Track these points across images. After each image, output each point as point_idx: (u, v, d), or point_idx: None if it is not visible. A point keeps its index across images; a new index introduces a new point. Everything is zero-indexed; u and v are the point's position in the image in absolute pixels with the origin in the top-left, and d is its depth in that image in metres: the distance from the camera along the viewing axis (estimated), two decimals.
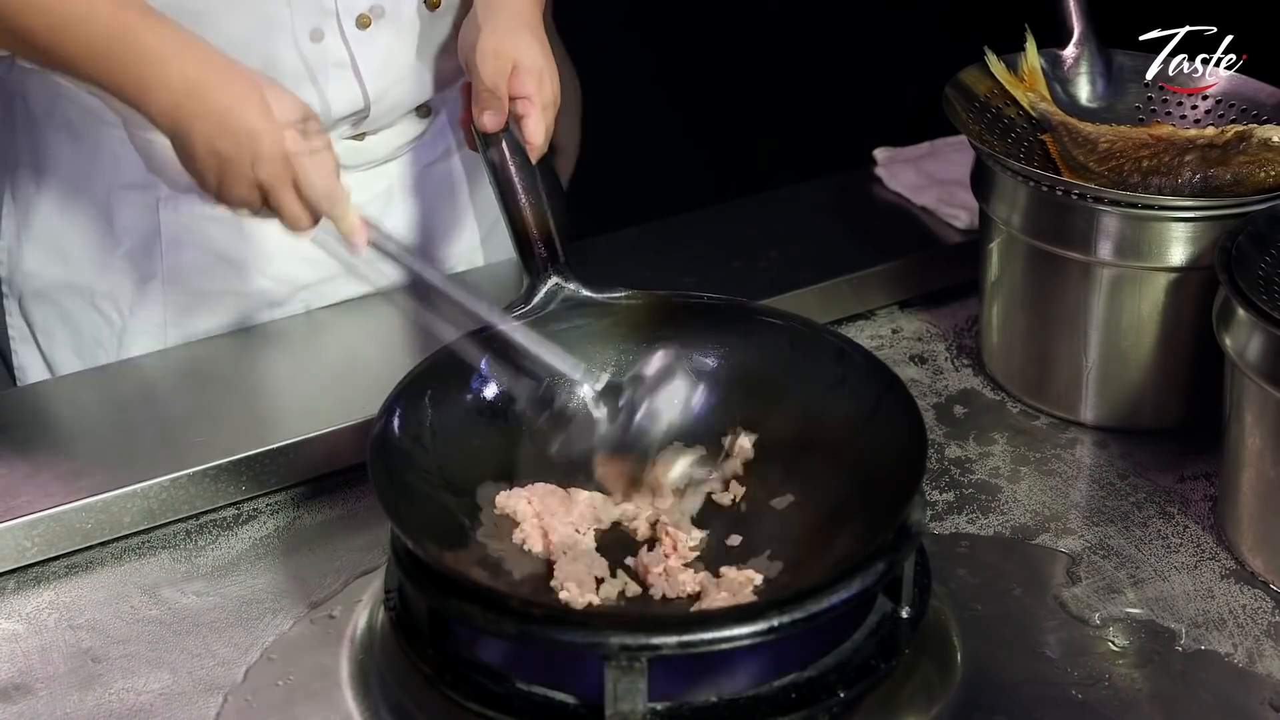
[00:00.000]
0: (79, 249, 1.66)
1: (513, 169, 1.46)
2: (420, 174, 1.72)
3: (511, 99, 1.48)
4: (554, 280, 1.40)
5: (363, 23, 1.55)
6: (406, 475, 1.29)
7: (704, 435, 1.39)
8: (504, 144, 1.47)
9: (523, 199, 1.44)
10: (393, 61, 1.59)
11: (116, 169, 1.61)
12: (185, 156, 1.34)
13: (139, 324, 1.67)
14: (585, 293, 1.41)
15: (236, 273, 1.66)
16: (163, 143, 1.49)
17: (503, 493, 1.33)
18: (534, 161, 1.48)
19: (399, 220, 1.71)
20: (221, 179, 1.33)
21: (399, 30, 1.58)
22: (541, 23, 1.55)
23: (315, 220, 1.34)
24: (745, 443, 1.39)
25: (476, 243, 1.80)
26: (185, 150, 1.33)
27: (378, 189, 1.68)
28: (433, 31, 1.61)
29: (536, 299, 1.40)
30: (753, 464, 1.38)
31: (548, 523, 1.29)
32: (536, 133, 1.48)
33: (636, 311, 1.42)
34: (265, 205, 1.34)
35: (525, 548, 1.29)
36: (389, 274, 1.36)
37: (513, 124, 1.48)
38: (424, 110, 1.68)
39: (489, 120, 1.47)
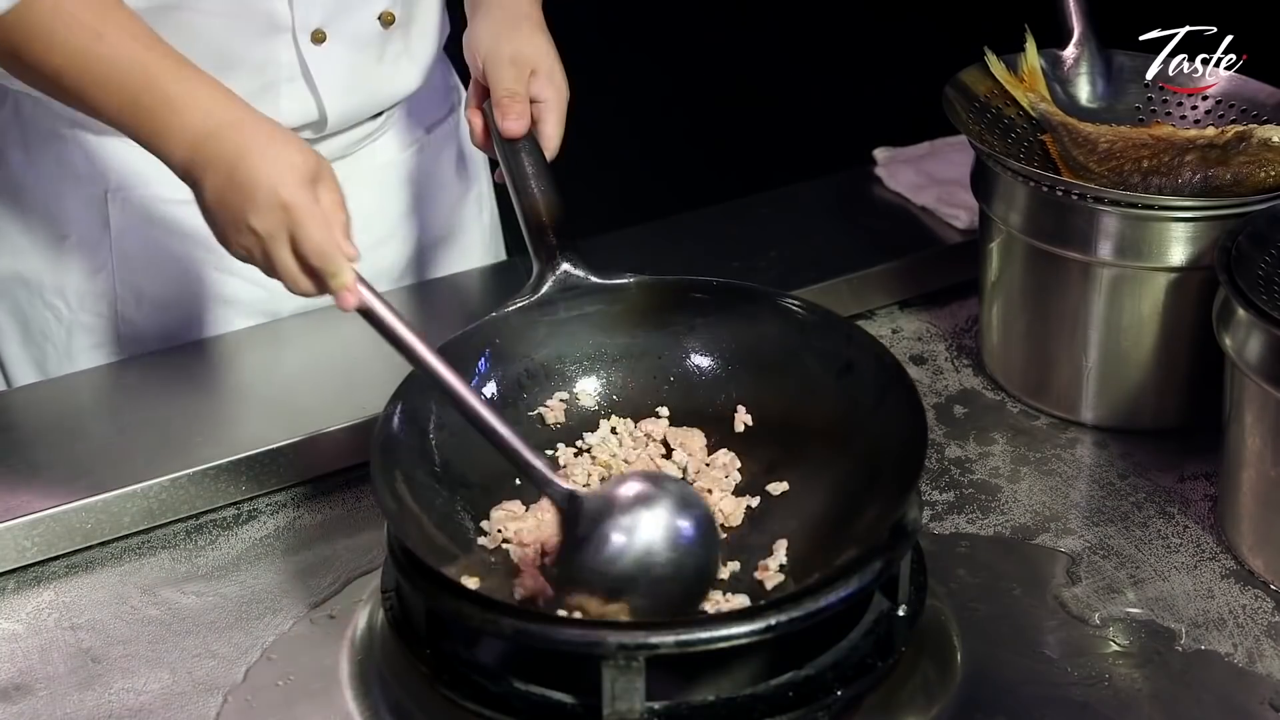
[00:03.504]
0: (28, 240, 1.66)
1: (528, 164, 1.46)
2: (374, 170, 1.73)
3: (530, 102, 1.49)
4: (564, 267, 1.41)
5: (317, 38, 1.57)
6: (409, 475, 1.29)
7: (707, 418, 1.40)
8: (522, 150, 1.47)
9: (535, 188, 1.45)
10: (348, 76, 1.61)
11: (64, 161, 1.62)
12: (201, 207, 1.30)
13: (87, 318, 1.67)
14: (594, 279, 1.41)
15: (188, 267, 1.66)
16: (113, 140, 1.53)
17: (498, 516, 1.32)
18: (549, 160, 1.49)
19: (410, 235, 1.72)
20: (225, 229, 1.28)
21: (354, 46, 1.60)
22: (544, 23, 1.56)
23: (316, 281, 1.25)
24: (745, 419, 1.40)
25: (427, 243, 1.80)
26: (200, 200, 1.29)
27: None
28: (387, 47, 1.63)
29: (546, 287, 1.40)
30: (753, 449, 1.38)
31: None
32: (555, 135, 1.49)
33: (645, 296, 1.42)
34: (268, 260, 1.27)
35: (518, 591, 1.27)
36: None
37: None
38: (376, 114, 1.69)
39: (514, 126, 1.47)
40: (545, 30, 1.54)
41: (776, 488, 1.35)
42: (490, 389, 1.38)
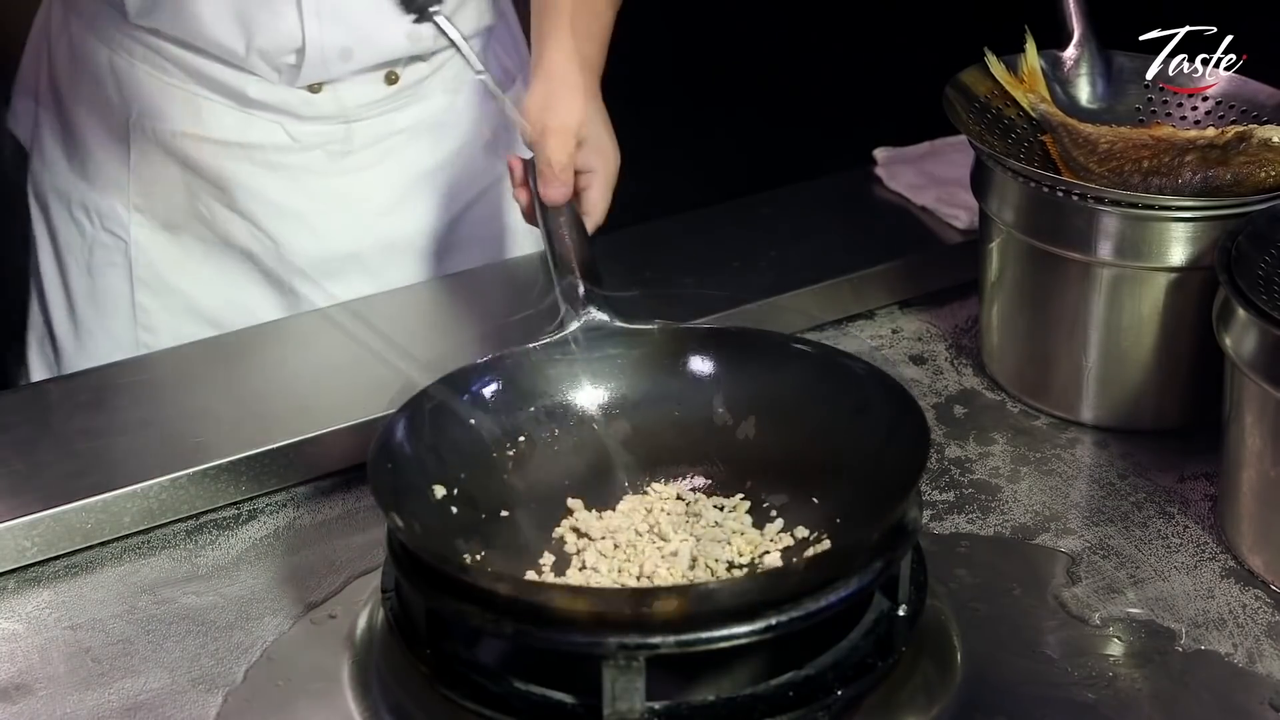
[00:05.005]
0: (62, 155, 1.74)
1: (564, 222, 1.49)
2: (382, 145, 1.74)
3: (576, 172, 1.50)
4: (589, 311, 1.42)
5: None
6: (408, 477, 1.29)
7: (722, 463, 1.40)
8: (558, 210, 1.49)
9: (567, 237, 1.47)
10: (338, 5, 1.63)
11: (98, 86, 1.69)
12: None
13: (107, 238, 1.73)
14: (618, 323, 1.42)
15: (199, 202, 1.72)
16: (141, 71, 1.65)
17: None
18: (590, 232, 1.50)
19: (351, 181, 1.74)
20: None
21: None
22: (599, 93, 1.57)
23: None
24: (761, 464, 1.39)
25: (423, 227, 1.81)
26: None
27: (336, 136, 1.71)
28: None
29: (571, 328, 1.41)
30: (765, 494, 1.38)
31: None
32: (600, 204, 1.51)
33: (667, 342, 1.43)
34: None
35: None
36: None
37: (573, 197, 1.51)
38: (390, 77, 1.70)
39: (554, 194, 1.49)
40: (597, 99, 1.56)
41: (776, 499, 1.35)
42: (502, 421, 1.38)
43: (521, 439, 1.37)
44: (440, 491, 1.31)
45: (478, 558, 1.29)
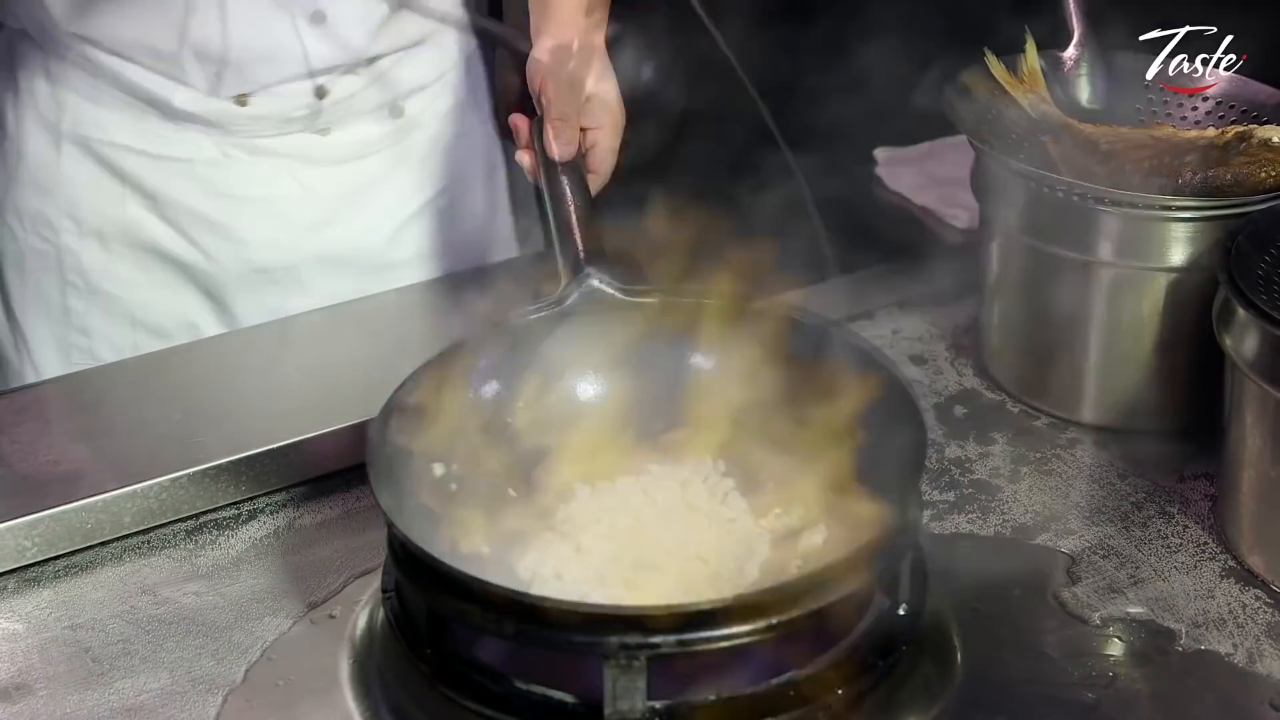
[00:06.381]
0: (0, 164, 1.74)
1: (566, 182, 1.47)
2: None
3: (582, 129, 1.49)
4: (590, 280, 1.41)
5: (316, 19, 1.62)
6: (406, 460, 1.29)
7: (717, 438, 1.40)
8: (564, 171, 1.48)
9: (570, 201, 1.46)
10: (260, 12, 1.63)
11: (30, 88, 1.70)
12: None
13: (37, 241, 1.73)
14: (619, 294, 1.41)
15: (128, 211, 1.71)
16: (73, 76, 1.66)
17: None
18: (593, 192, 1.49)
19: (360, 223, 1.73)
20: None
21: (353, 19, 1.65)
22: (604, 48, 1.57)
23: None
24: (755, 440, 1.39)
25: (357, 240, 1.80)
26: None
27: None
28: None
29: (571, 298, 1.41)
30: (753, 452, 1.38)
31: None
32: (605, 163, 1.50)
33: (668, 313, 1.42)
34: None
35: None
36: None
37: (578, 155, 1.50)
38: (319, 91, 1.70)
39: (561, 149, 1.46)
40: (605, 57, 1.55)
41: (774, 500, 1.35)
42: (500, 395, 1.38)
43: (519, 412, 1.37)
44: (439, 470, 1.31)
45: (475, 538, 1.29)
